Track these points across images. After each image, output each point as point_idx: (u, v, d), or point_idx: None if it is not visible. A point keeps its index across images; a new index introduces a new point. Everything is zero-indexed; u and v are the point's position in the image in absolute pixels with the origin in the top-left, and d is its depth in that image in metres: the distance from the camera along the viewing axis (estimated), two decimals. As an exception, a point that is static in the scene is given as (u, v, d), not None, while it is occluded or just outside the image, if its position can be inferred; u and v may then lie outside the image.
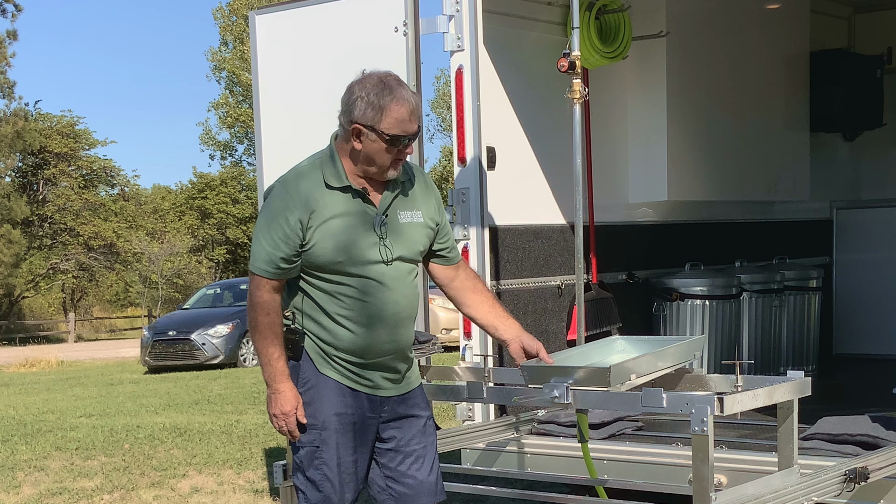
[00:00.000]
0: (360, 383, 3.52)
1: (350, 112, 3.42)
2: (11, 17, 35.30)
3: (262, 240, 3.45)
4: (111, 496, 7.33)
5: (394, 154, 3.42)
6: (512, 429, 5.00)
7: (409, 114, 3.40)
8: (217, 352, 19.22)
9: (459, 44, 5.22)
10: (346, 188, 3.46)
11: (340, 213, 3.43)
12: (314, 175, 3.48)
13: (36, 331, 37.08)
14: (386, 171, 3.46)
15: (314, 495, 3.52)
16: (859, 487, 3.80)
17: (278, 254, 3.41)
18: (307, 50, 5.75)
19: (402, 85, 3.43)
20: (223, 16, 47.89)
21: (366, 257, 3.44)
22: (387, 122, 3.37)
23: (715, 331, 6.53)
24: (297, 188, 3.45)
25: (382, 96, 3.38)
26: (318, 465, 3.50)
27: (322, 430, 3.49)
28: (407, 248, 3.53)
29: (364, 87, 3.41)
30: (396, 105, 3.37)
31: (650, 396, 3.34)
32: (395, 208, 3.52)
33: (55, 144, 39.57)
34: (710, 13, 6.79)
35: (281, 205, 3.44)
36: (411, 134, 3.42)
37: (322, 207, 3.42)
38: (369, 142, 3.41)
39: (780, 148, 7.45)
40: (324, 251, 3.41)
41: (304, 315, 3.51)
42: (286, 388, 3.48)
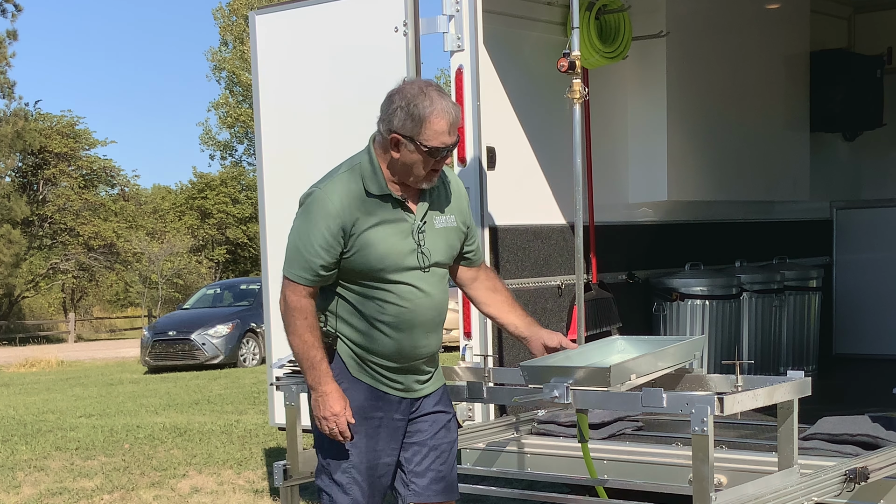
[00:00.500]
0: (392, 386, 3.53)
1: (389, 121, 3.40)
2: (11, 17, 35.31)
3: (300, 247, 3.43)
4: (111, 496, 7.33)
5: (431, 165, 3.42)
6: (512, 429, 5.00)
7: (449, 126, 3.38)
8: (217, 352, 19.21)
9: (459, 44, 5.22)
10: (385, 196, 3.45)
11: (381, 222, 3.43)
12: (355, 182, 3.46)
13: (36, 331, 37.07)
14: (422, 181, 3.46)
15: (342, 498, 3.51)
16: (859, 487, 3.80)
17: (318, 262, 3.40)
18: (307, 50, 5.75)
19: (442, 96, 3.40)
20: (223, 16, 47.90)
21: (405, 264, 3.45)
22: (426, 134, 3.36)
23: (715, 331, 6.53)
24: (338, 195, 3.42)
25: (423, 108, 3.35)
26: (346, 467, 3.50)
27: (353, 433, 3.49)
28: (442, 253, 3.55)
29: (404, 96, 3.39)
30: (436, 118, 3.36)
31: (650, 396, 3.34)
32: (431, 214, 3.53)
33: (55, 144, 39.55)
34: (710, 13, 6.79)
35: (322, 212, 3.41)
36: (450, 145, 3.41)
37: (363, 215, 3.41)
38: (407, 152, 3.39)
39: (780, 148, 7.45)
40: (364, 259, 3.41)
41: (339, 318, 3.51)
42: (332, 389, 3.46)
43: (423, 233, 3.49)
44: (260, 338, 19.09)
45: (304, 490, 4.35)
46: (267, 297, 6.05)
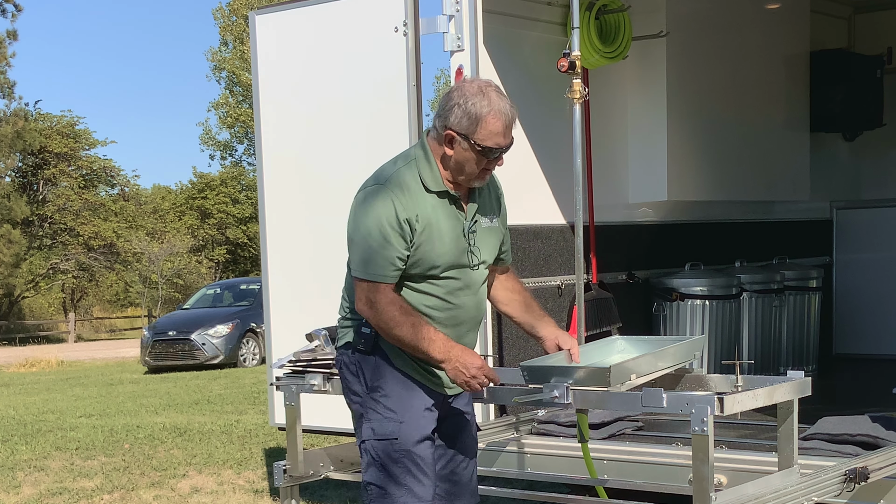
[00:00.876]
0: (431, 380, 3.52)
1: (446, 118, 3.39)
2: (11, 17, 35.26)
3: (371, 244, 3.36)
4: (111, 496, 7.33)
5: (484, 165, 3.41)
6: (512, 429, 5.00)
7: (505, 127, 3.38)
8: (217, 352, 19.21)
9: (459, 44, 5.22)
10: (442, 193, 3.44)
11: (439, 218, 3.42)
12: (413, 177, 3.43)
13: (36, 331, 37.07)
14: (473, 181, 3.46)
15: (396, 489, 3.46)
16: (859, 487, 3.80)
17: (395, 253, 3.36)
18: (307, 50, 5.76)
19: (501, 96, 3.39)
20: (223, 16, 47.89)
21: (458, 263, 3.46)
22: (481, 134, 3.35)
23: (715, 331, 6.53)
24: (400, 191, 3.39)
25: (480, 107, 3.34)
26: (398, 457, 3.46)
27: (401, 422, 3.46)
28: (488, 253, 3.57)
29: (463, 94, 3.38)
30: (493, 118, 3.35)
31: (650, 396, 3.34)
32: (479, 214, 3.54)
33: (55, 144, 39.54)
34: (710, 13, 6.79)
35: (387, 206, 3.36)
36: (504, 147, 3.41)
37: (424, 211, 3.40)
38: (461, 150, 3.39)
39: (780, 148, 7.45)
40: (424, 255, 3.40)
41: None
42: (462, 349, 3.44)
43: (473, 232, 3.50)
44: (260, 338, 19.09)
45: (304, 490, 4.36)
46: (267, 297, 6.05)
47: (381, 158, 4.99)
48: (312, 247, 5.81)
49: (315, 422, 4.99)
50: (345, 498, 6.77)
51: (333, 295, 5.05)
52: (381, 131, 5.41)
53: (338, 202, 5.62)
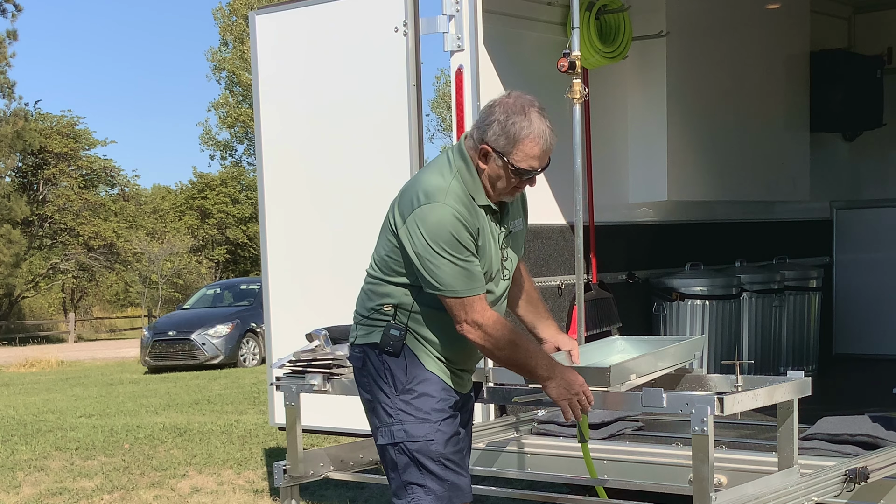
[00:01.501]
0: (454, 381, 3.52)
1: (484, 131, 3.34)
2: (11, 17, 35.25)
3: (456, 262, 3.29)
4: (111, 496, 7.33)
5: (515, 183, 3.39)
6: (512, 429, 5.00)
7: (542, 152, 3.34)
8: (217, 352, 19.21)
9: (459, 44, 5.22)
10: (487, 207, 3.41)
11: (485, 230, 3.40)
12: (463, 192, 3.36)
13: (36, 331, 37.07)
14: (502, 195, 3.43)
15: (438, 486, 3.44)
16: (859, 487, 3.80)
17: (476, 269, 3.33)
18: (307, 50, 5.76)
19: (542, 117, 3.33)
20: (223, 16, 47.87)
21: (495, 272, 3.46)
22: (517, 155, 3.31)
23: (715, 331, 6.53)
24: (460, 205, 3.33)
25: (519, 127, 3.29)
26: (435, 456, 3.44)
27: (433, 423, 3.45)
28: (516, 259, 3.58)
29: (505, 111, 3.32)
30: (531, 141, 3.31)
31: (650, 396, 3.34)
32: (509, 222, 3.53)
33: (55, 144, 39.54)
34: (710, 13, 6.79)
35: (455, 224, 3.30)
36: (538, 169, 3.38)
37: (476, 224, 3.37)
38: (495, 166, 3.35)
39: (780, 148, 7.45)
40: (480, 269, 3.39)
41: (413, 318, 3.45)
42: (564, 367, 3.44)
43: (507, 242, 3.50)
44: (260, 338, 19.09)
45: (304, 490, 4.35)
46: (267, 297, 6.05)
47: (381, 158, 5.01)
48: (313, 246, 5.81)
49: (315, 422, 4.99)
50: (345, 498, 6.77)
51: (334, 294, 5.05)
52: (381, 131, 5.41)
53: (338, 202, 5.66)
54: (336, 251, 5.62)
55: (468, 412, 3.69)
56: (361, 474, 4.59)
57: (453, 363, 3.50)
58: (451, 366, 3.50)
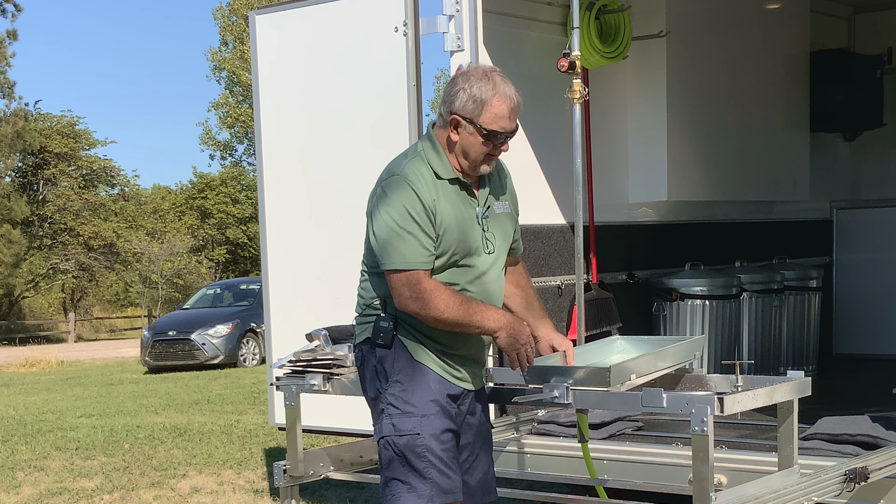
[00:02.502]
0: (451, 374, 3.51)
1: (451, 102, 3.41)
2: (11, 17, 35.23)
3: (402, 234, 3.34)
4: (111, 496, 7.33)
5: (489, 149, 3.43)
6: (512, 429, 5.00)
7: (510, 111, 3.40)
8: (217, 352, 19.21)
9: (459, 44, 5.22)
10: (453, 180, 3.45)
11: (453, 205, 3.43)
12: (425, 167, 3.44)
13: (36, 331, 37.06)
14: (478, 166, 3.46)
15: (422, 484, 3.41)
16: (859, 487, 3.80)
17: (425, 240, 3.35)
18: (307, 50, 5.75)
19: (505, 81, 3.42)
20: (223, 16, 47.87)
21: (472, 249, 3.46)
22: (486, 117, 3.37)
23: (715, 331, 6.53)
24: (417, 179, 3.39)
25: (485, 90, 3.37)
26: (421, 452, 3.41)
27: (422, 416, 3.42)
28: (503, 238, 3.57)
29: (468, 79, 3.40)
30: (498, 100, 3.37)
31: (650, 396, 3.34)
32: (491, 200, 3.55)
33: (55, 144, 39.54)
34: (710, 13, 6.79)
35: (410, 197, 3.36)
36: (509, 131, 3.42)
37: (439, 197, 3.41)
38: (467, 134, 3.41)
39: (780, 148, 7.45)
40: (444, 243, 3.40)
41: None
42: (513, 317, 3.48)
43: (486, 218, 3.50)
44: (260, 338, 19.08)
45: (304, 490, 4.35)
46: (267, 297, 6.05)
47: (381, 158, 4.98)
48: (313, 246, 5.81)
49: (315, 422, 4.98)
50: (345, 498, 6.77)
51: (334, 294, 5.05)
52: (381, 131, 5.41)
53: (338, 202, 5.65)
54: (336, 251, 5.62)
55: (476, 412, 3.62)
56: (361, 474, 4.59)
57: (449, 349, 3.47)
58: (447, 354, 3.48)
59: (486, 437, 3.70)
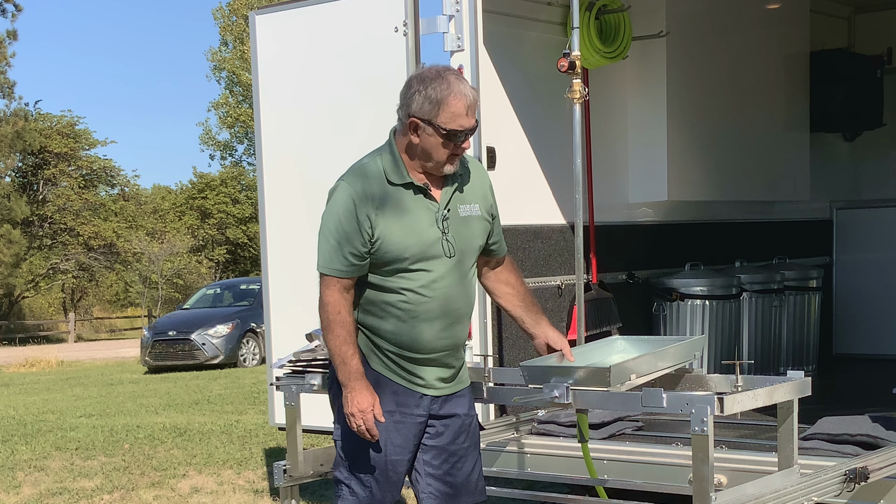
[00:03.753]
0: (410, 380, 3.52)
1: (408, 105, 3.41)
2: (11, 17, 35.26)
3: (330, 239, 3.44)
4: (111, 496, 7.33)
5: (450, 149, 3.42)
6: (512, 429, 4.99)
7: (467, 108, 3.39)
8: (217, 352, 19.21)
9: (459, 44, 5.22)
10: (408, 185, 3.45)
11: (404, 210, 3.43)
12: (376, 172, 3.46)
13: (36, 331, 37.07)
14: (442, 166, 3.46)
15: (360, 490, 3.50)
16: (859, 487, 3.80)
17: (348, 249, 3.40)
18: (307, 50, 5.75)
19: (460, 79, 3.42)
20: (223, 16, 47.89)
21: (430, 253, 3.44)
22: (444, 117, 3.37)
23: (715, 331, 6.53)
24: (360, 185, 3.44)
25: (440, 90, 3.37)
26: (363, 460, 3.49)
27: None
28: (467, 242, 3.54)
29: (422, 80, 3.40)
30: (454, 99, 3.37)
31: (650, 396, 3.34)
32: (455, 202, 3.52)
33: (55, 144, 39.54)
34: (710, 13, 6.79)
35: (346, 202, 3.42)
36: (468, 129, 3.42)
37: (385, 204, 3.42)
38: (426, 136, 3.40)
39: (780, 148, 7.45)
40: (390, 248, 3.41)
41: (360, 309, 3.50)
42: (362, 386, 3.46)
43: (447, 221, 3.48)
44: (260, 338, 19.09)
45: (304, 490, 4.35)
46: (267, 297, 6.04)
47: (381, 158, 4.90)
48: (312, 247, 5.78)
49: (315, 422, 4.97)
50: (345, 498, 6.76)
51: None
52: (381, 131, 5.38)
53: (338, 202, 5.64)
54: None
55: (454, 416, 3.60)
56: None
57: (409, 353, 3.48)
58: (407, 360, 3.49)
59: (470, 438, 3.67)
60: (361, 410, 3.43)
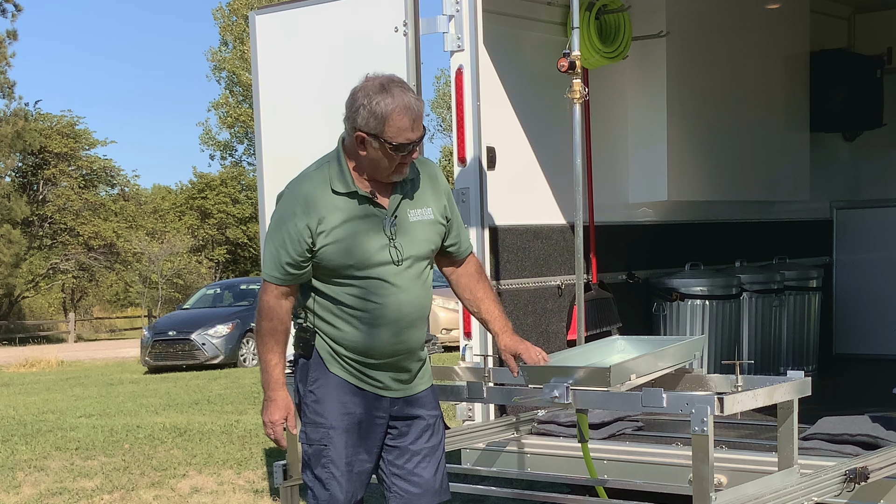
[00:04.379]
0: (369, 383, 3.53)
1: (353, 120, 3.40)
2: (11, 17, 35.33)
3: (270, 245, 3.46)
4: (111, 496, 7.33)
5: (399, 159, 3.41)
6: (512, 429, 4.99)
7: (412, 122, 3.37)
8: (217, 352, 19.21)
9: (459, 44, 5.22)
10: (352, 193, 3.45)
11: (348, 219, 3.43)
12: (321, 180, 3.47)
13: (36, 331, 37.08)
14: (391, 175, 3.45)
15: (322, 493, 3.53)
16: (859, 487, 3.80)
17: (285, 259, 3.41)
18: (307, 50, 5.75)
19: (405, 91, 3.39)
20: (223, 16, 47.90)
21: (376, 260, 3.44)
22: (390, 132, 3.35)
23: (715, 331, 6.53)
24: (304, 194, 3.45)
25: (385, 105, 3.34)
26: (325, 463, 3.51)
27: (330, 428, 3.50)
28: (417, 247, 3.52)
29: (367, 94, 3.37)
30: (398, 114, 3.34)
31: (650, 396, 3.34)
32: (405, 208, 3.51)
33: (55, 144, 39.57)
34: (710, 13, 6.79)
35: (289, 211, 3.44)
36: (415, 141, 3.40)
37: (329, 213, 3.42)
38: (373, 149, 3.39)
39: (780, 148, 7.45)
40: (334, 256, 3.41)
41: (316, 315, 3.51)
42: (279, 397, 3.53)
43: (394, 227, 3.47)
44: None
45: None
46: (267, 297, 6.04)
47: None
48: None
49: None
50: (345, 498, 6.76)
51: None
52: (381, 131, 5.40)
53: (338, 202, 5.65)
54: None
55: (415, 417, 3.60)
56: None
57: (362, 358, 3.49)
58: (362, 363, 3.50)
59: (434, 438, 3.65)
60: (272, 422, 3.54)
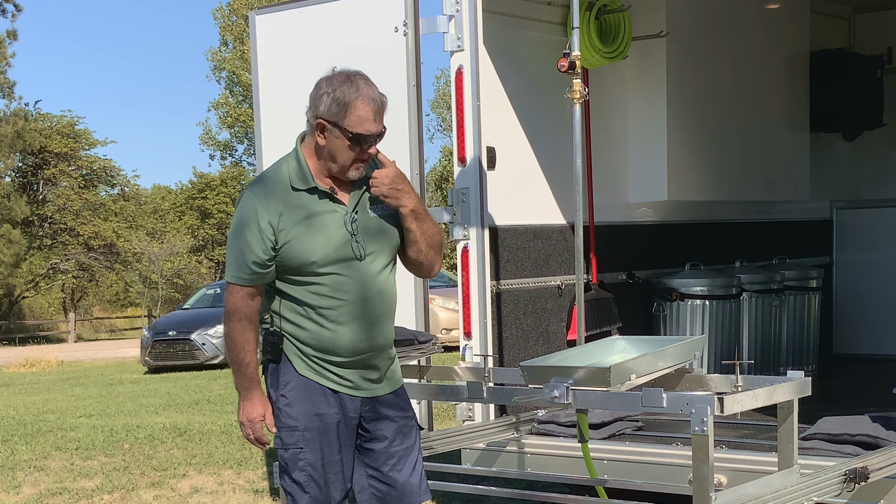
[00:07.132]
0: (340, 383, 3.52)
1: (316, 107, 3.42)
2: (11, 17, 35.29)
3: (232, 246, 3.46)
4: (111, 496, 7.33)
5: (356, 153, 3.41)
6: (512, 429, 5.00)
7: (374, 113, 3.40)
8: (217, 352, 19.18)
9: (459, 44, 5.22)
10: (312, 189, 3.45)
11: (309, 215, 3.43)
12: (280, 178, 3.47)
13: (36, 331, 37.09)
14: (347, 171, 3.45)
15: (301, 497, 3.52)
16: (859, 487, 3.80)
17: (251, 258, 3.41)
18: (307, 50, 5.75)
19: (369, 84, 3.43)
20: (223, 16, 47.88)
21: (338, 256, 3.43)
22: (350, 120, 3.37)
23: (715, 331, 6.53)
24: (263, 193, 3.44)
25: (348, 93, 3.37)
26: (302, 466, 3.51)
27: (304, 431, 3.50)
28: (380, 242, 3.52)
29: (331, 83, 3.42)
30: (361, 103, 3.37)
31: (650, 396, 3.34)
32: (365, 204, 3.51)
33: (55, 144, 39.57)
34: (710, 13, 6.79)
35: (249, 211, 3.43)
36: (375, 134, 3.41)
37: (289, 211, 3.41)
38: (333, 138, 3.40)
39: (780, 148, 7.45)
40: (295, 254, 3.41)
41: (282, 317, 3.51)
42: (254, 396, 3.55)
43: (356, 223, 3.47)
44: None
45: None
46: (267, 297, 6.04)
47: (381, 158, 4.93)
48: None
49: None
50: (345, 498, 6.77)
51: (333, 295, 4.97)
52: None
53: (338, 202, 5.65)
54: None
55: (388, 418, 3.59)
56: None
57: (331, 357, 3.48)
58: (331, 363, 3.49)
59: (409, 439, 3.64)
60: (250, 420, 3.56)
